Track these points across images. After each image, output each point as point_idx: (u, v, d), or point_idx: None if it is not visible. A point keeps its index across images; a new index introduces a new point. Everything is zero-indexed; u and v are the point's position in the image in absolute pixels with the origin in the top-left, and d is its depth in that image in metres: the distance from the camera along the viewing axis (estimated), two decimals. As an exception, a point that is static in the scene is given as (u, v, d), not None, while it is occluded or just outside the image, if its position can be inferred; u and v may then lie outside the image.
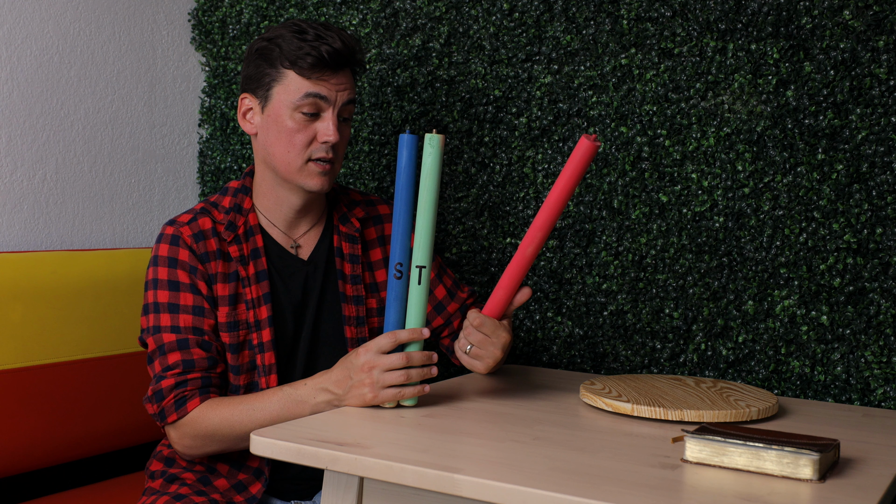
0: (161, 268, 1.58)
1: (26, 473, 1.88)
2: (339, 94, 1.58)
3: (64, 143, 2.04)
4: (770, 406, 1.45)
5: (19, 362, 1.77)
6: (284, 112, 1.58)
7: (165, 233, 1.60)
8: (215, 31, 2.30)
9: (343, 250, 1.69)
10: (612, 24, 1.85)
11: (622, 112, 1.84)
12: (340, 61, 1.58)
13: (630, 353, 1.86)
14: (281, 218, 1.66)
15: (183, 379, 1.51)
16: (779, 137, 1.72)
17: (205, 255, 1.58)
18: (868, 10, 1.65)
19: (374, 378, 1.42)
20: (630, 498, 1.06)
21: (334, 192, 1.74)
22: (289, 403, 1.47)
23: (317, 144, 1.58)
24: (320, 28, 1.59)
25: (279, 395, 1.48)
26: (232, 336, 1.58)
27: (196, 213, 1.62)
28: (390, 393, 1.42)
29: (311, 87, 1.56)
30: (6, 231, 1.93)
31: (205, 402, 1.51)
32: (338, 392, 1.44)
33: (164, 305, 1.56)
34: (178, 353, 1.53)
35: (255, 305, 1.59)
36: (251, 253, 1.62)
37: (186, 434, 1.51)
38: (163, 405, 1.51)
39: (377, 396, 1.42)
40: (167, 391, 1.51)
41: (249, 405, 1.49)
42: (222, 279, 1.59)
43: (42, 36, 1.99)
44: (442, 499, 1.20)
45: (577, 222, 1.90)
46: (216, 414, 1.49)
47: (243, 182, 1.68)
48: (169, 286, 1.57)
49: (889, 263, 1.65)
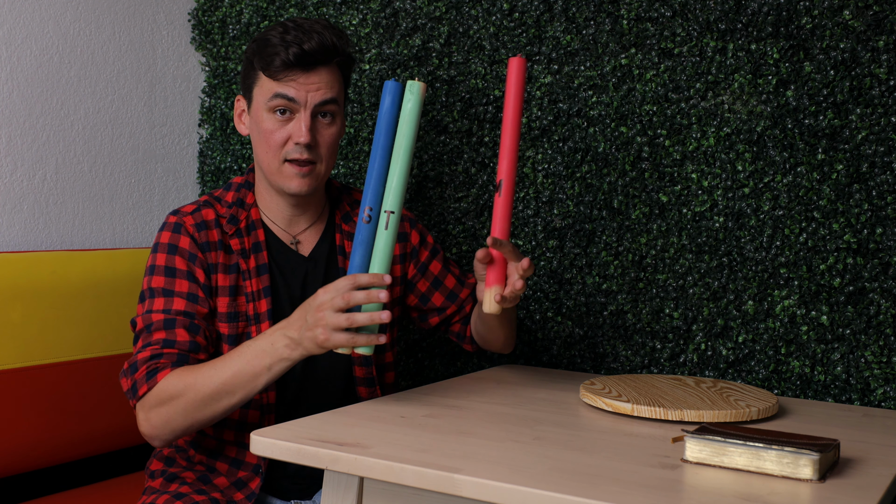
0: (160, 254, 1.57)
1: (26, 473, 1.88)
2: (311, 94, 1.57)
3: (64, 143, 2.04)
4: (770, 406, 1.45)
5: (19, 362, 1.77)
6: (262, 113, 1.59)
7: (168, 221, 1.60)
8: (215, 31, 2.30)
9: (345, 248, 1.69)
10: (612, 24, 1.85)
11: (622, 112, 1.84)
12: (309, 61, 1.56)
13: (630, 353, 1.86)
14: (279, 215, 1.66)
15: (159, 352, 1.49)
16: (779, 137, 1.72)
17: (206, 244, 1.58)
18: (868, 10, 1.65)
19: (326, 320, 1.37)
20: (630, 498, 1.06)
21: (337, 190, 1.74)
22: (250, 356, 1.43)
23: (291, 145, 1.58)
24: (303, 27, 1.57)
25: (240, 350, 1.45)
26: (231, 327, 1.57)
27: (200, 204, 1.63)
28: (342, 337, 1.37)
29: (279, 87, 1.56)
30: (6, 231, 1.93)
31: (173, 371, 1.46)
32: (293, 336, 1.41)
33: (158, 290, 1.55)
34: (162, 332, 1.51)
35: (255, 298, 1.59)
36: (252, 246, 1.62)
37: (152, 405, 1.46)
38: (135, 377, 1.47)
39: (328, 339, 1.37)
40: (141, 363, 1.48)
41: (211, 366, 1.45)
42: (223, 270, 1.59)
43: (42, 36, 1.99)
44: (442, 499, 1.20)
45: (577, 222, 1.90)
46: (181, 380, 1.45)
47: (247, 178, 1.69)
48: (165, 272, 1.56)
49: (889, 263, 1.65)
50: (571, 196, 1.89)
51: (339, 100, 1.61)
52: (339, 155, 2.14)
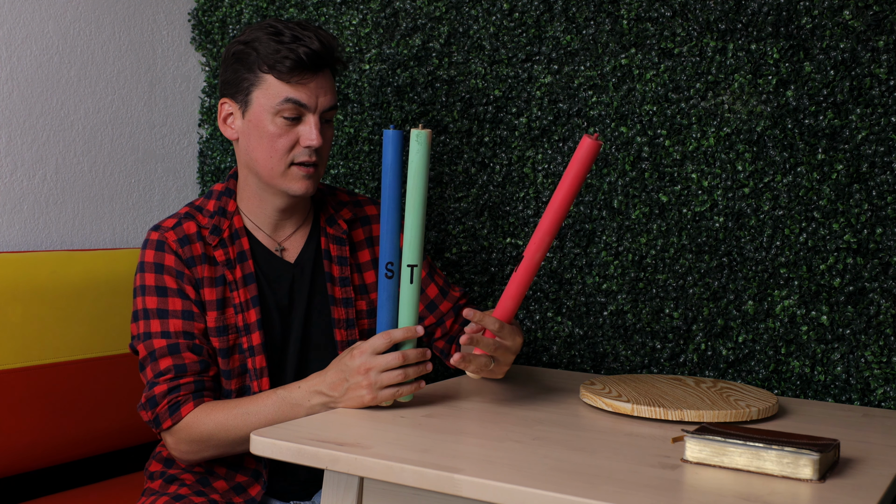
0: (148, 274, 1.56)
1: (26, 473, 1.88)
2: (321, 98, 1.56)
3: (64, 143, 2.04)
4: (770, 406, 1.45)
5: (19, 362, 1.77)
6: (265, 117, 1.56)
7: (150, 238, 1.58)
8: (215, 31, 2.30)
9: (331, 252, 1.67)
10: (612, 24, 1.85)
11: (622, 112, 1.84)
12: (319, 62, 1.56)
13: (630, 353, 1.86)
14: (265, 221, 1.64)
15: (175, 384, 1.50)
16: (779, 137, 1.72)
17: (191, 259, 1.57)
18: (868, 10, 1.65)
19: (371, 380, 1.41)
20: (630, 498, 1.06)
21: (321, 192, 1.72)
22: (284, 407, 1.46)
23: (299, 149, 1.57)
24: (296, 28, 1.56)
25: (273, 399, 1.47)
26: (221, 340, 1.56)
27: (181, 217, 1.61)
28: (388, 393, 1.42)
29: (291, 92, 1.55)
30: (6, 231, 1.93)
31: (199, 407, 1.50)
32: (333, 395, 1.44)
33: (152, 311, 1.55)
34: (169, 359, 1.51)
35: (243, 309, 1.58)
36: (237, 256, 1.60)
37: (182, 440, 1.50)
38: (157, 412, 1.50)
39: (375, 398, 1.41)
40: (160, 397, 1.50)
41: (244, 409, 1.48)
42: (209, 283, 1.57)
43: (42, 36, 1.99)
44: (442, 499, 1.20)
45: (577, 222, 1.90)
46: (211, 419, 1.48)
47: (227, 185, 1.66)
48: (157, 292, 1.55)
49: (889, 263, 1.65)
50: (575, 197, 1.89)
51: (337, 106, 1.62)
52: (339, 155, 2.15)
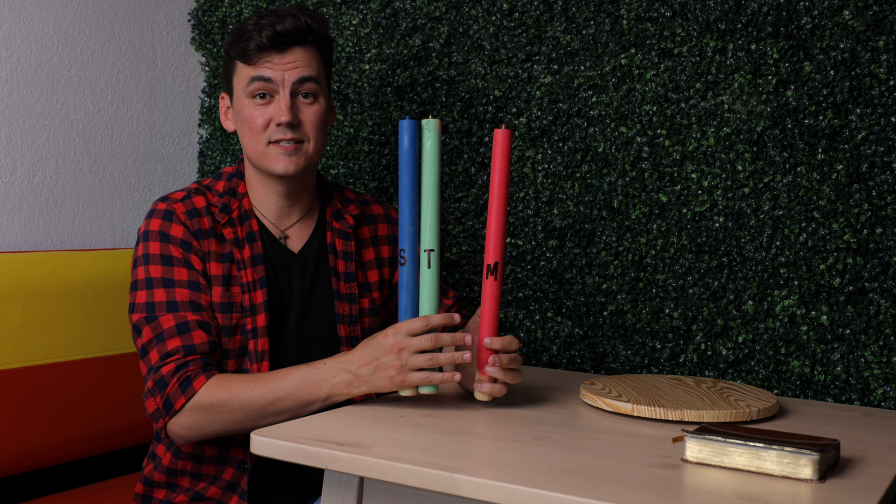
0: (153, 242, 1.53)
1: (26, 473, 1.88)
2: (288, 73, 1.56)
3: (64, 143, 2.04)
4: (770, 406, 1.45)
5: (19, 362, 1.77)
6: (242, 101, 1.58)
7: (157, 208, 1.56)
8: (215, 31, 2.30)
9: (336, 247, 1.66)
10: (612, 24, 1.85)
11: (622, 112, 1.84)
12: (283, 41, 1.55)
13: (630, 353, 1.86)
14: (268, 207, 1.64)
15: (184, 361, 1.45)
16: (779, 137, 1.72)
17: (199, 231, 1.55)
18: (868, 10, 1.65)
19: (402, 360, 1.37)
20: (630, 498, 1.06)
21: (328, 187, 1.72)
22: (306, 382, 1.41)
23: (273, 127, 1.57)
24: (277, 12, 1.57)
25: (296, 374, 1.42)
26: (225, 318, 1.53)
27: (190, 191, 1.60)
28: (419, 377, 1.37)
29: (254, 71, 1.56)
30: (6, 231, 1.93)
31: (212, 379, 1.43)
32: (361, 373, 1.39)
33: (157, 280, 1.50)
34: (177, 339, 1.47)
35: (250, 289, 1.56)
36: (246, 236, 1.59)
37: (193, 408, 1.43)
38: (167, 392, 1.43)
39: (405, 380, 1.37)
40: (169, 377, 1.44)
41: (262, 381, 1.42)
42: (216, 258, 1.55)
43: (42, 36, 1.99)
44: (442, 499, 1.20)
45: (577, 222, 1.90)
46: (225, 389, 1.42)
47: (237, 167, 1.66)
48: (162, 261, 1.52)
49: (889, 263, 1.65)
50: (571, 196, 1.89)
51: (319, 79, 1.59)
52: (339, 155, 2.14)
